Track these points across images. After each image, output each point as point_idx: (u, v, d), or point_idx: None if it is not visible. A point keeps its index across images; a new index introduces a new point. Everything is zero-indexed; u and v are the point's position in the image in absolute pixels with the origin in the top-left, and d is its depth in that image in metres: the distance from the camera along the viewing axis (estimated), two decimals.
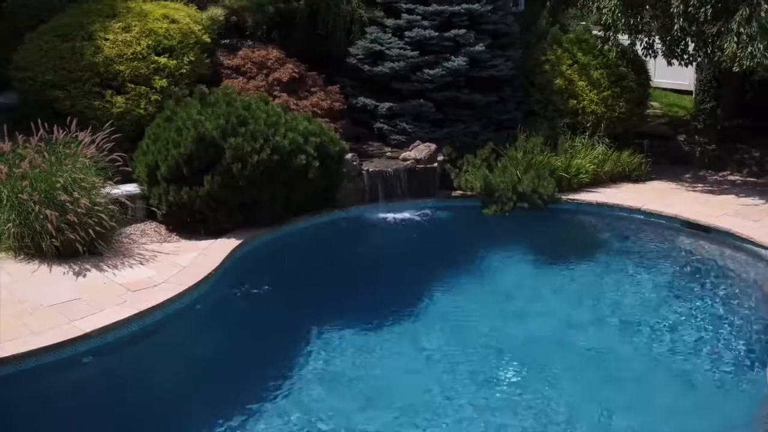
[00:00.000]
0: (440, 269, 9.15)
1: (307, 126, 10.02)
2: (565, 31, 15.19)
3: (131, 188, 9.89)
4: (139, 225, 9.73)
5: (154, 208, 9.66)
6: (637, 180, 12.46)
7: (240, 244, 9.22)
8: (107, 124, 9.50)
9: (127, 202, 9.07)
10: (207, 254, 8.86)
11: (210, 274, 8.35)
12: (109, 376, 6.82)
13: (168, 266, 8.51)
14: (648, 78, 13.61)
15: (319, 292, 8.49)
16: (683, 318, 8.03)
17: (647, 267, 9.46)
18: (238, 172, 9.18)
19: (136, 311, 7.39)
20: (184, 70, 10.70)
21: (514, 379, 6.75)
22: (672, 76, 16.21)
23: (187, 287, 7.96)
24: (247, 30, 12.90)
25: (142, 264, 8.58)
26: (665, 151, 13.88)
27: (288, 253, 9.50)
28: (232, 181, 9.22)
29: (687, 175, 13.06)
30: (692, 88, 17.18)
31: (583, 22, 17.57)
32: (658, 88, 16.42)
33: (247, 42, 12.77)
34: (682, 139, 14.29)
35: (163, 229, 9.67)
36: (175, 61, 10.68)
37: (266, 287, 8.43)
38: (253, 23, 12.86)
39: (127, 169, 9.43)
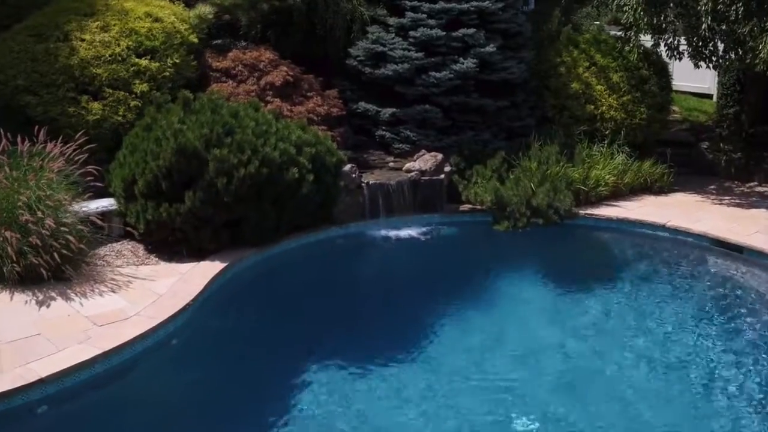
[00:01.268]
0: (447, 296, 8.23)
1: (300, 135, 9.11)
2: (578, 30, 14.30)
3: (107, 203, 9.02)
4: (114, 245, 8.83)
5: (130, 228, 8.75)
6: (660, 192, 11.55)
7: (224, 268, 8.31)
8: (82, 133, 8.65)
9: (98, 221, 8.13)
10: (187, 280, 7.96)
11: (188, 304, 7.44)
12: (65, 429, 5.91)
13: (142, 294, 7.61)
14: (670, 81, 12.65)
15: (310, 325, 7.58)
16: (733, 360, 7.05)
17: (680, 296, 8.50)
18: (223, 187, 8.28)
19: (100, 351, 6.49)
20: (168, 74, 9.80)
21: None
22: (691, 78, 15.18)
23: (160, 321, 7.06)
24: (240, 29, 12.03)
25: (113, 292, 7.68)
26: (687, 160, 12.95)
27: (278, 278, 8.59)
28: (216, 198, 8.31)
29: (712, 186, 12.13)
30: (713, 91, 16.28)
31: (597, 22, 16.68)
32: (677, 91, 15.38)
33: (241, 42, 11.91)
34: (705, 146, 13.35)
35: (141, 249, 8.77)
36: (157, 64, 9.78)
37: (251, 319, 7.53)
38: (246, 22, 11.98)
39: (98, 185, 8.52)
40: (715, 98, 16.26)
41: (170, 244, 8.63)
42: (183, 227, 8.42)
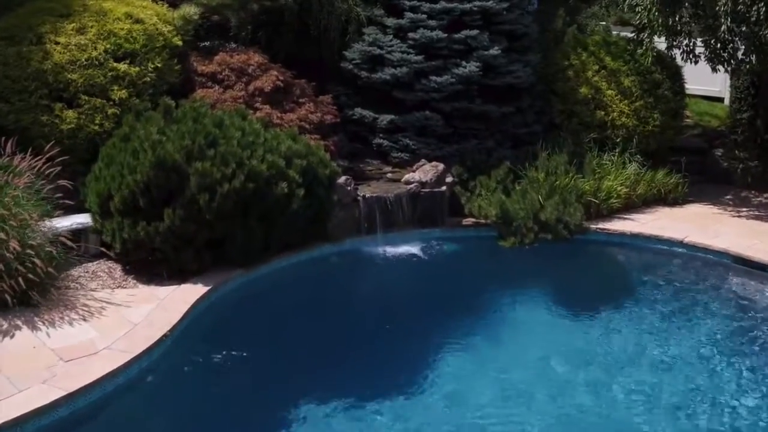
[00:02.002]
0: (450, 323, 7.54)
1: (291, 146, 8.43)
2: (583, 31, 13.66)
3: (83, 220, 8.34)
4: (90, 265, 8.15)
5: (107, 246, 8.07)
6: (674, 203, 10.88)
7: (207, 292, 7.63)
8: (53, 144, 8.03)
9: (67, 242, 7.43)
10: (165, 306, 7.27)
11: (166, 335, 6.76)
12: None
13: (116, 323, 6.93)
14: (684, 85, 11.97)
15: (300, 357, 6.89)
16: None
17: (706, 324, 7.77)
18: (205, 204, 7.60)
19: (64, 393, 5.81)
20: (149, 79, 9.12)
21: None
22: (702, 81, 14.46)
23: (134, 355, 6.38)
24: (230, 30, 11.37)
25: (84, 320, 7.00)
26: (701, 168, 12.27)
27: (266, 301, 7.90)
28: (198, 215, 7.63)
29: (728, 197, 11.47)
30: (724, 94, 15.64)
31: (603, 22, 16.05)
32: (687, 94, 14.75)
33: (231, 44, 11.25)
34: (719, 153, 12.67)
35: (118, 270, 8.08)
36: (137, 68, 9.09)
37: (237, 351, 6.82)
38: (236, 23, 11.32)
39: (68, 202, 7.85)
40: (726, 101, 15.64)
41: (149, 264, 7.96)
42: (162, 247, 7.74)
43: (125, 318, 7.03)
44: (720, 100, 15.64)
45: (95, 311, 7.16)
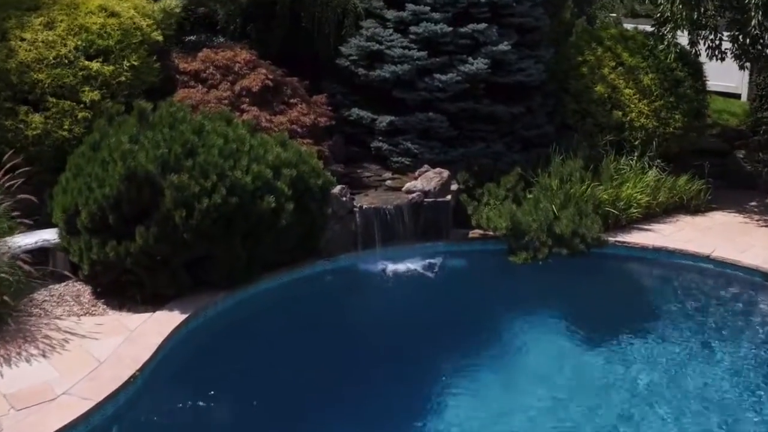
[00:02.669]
0: (455, 352, 6.74)
1: (279, 153, 7.59)
2: (592, 23, 12.81)
3: (50, 236, 7.53)
4: (57, 287, 7.35)
5: (75, 266, 7.27)
6: (696, 211, 10.05)
7: (185, 320, 6.82)
8: (12, 152, 7.26)
9: (24, 266, 6.61)
10: (136, 339, 6.46)
11: (135, 375, 5.95)
12: None
13: (79, 360, 6.13)
14: (705, 83, 11.10)
15: (290, 397, 6.08)
16: None
17: (738, 355, 6.94)
18: (182, 221, 6.76)
19: None
20: (124, 78, 8.27)
21: None
22: (717, 76, 13.51)
23: (96, 402, 5.57)
24: (218, 24, 10.54)
25: (44, 356, 6.20)
26: (722, 171, 11.40)
27: (251, 330, 7.09)
28: (174, 234, 6.80)
29: (753, 203, 10.63)
30: (741, 90, 14.83)
31: (614, 14, 15.21)
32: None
33: (219, 38, 10.43)
34: (741, 155, 11.83)
35: (87, 293, 7.28)
36: (111, 67, 8.25)
37: (217, 392, 6.00)
38: (224, 15, 10.49)
39: (26, 221, 7.04)
40: (744, 98, 14.83)
41: (122, 286, 7.14)
42: (134, 269, 6.92)
43: (90, 354, 6.22)
44: (737, 96, 14.82)
45: (57, 345, 6.36)
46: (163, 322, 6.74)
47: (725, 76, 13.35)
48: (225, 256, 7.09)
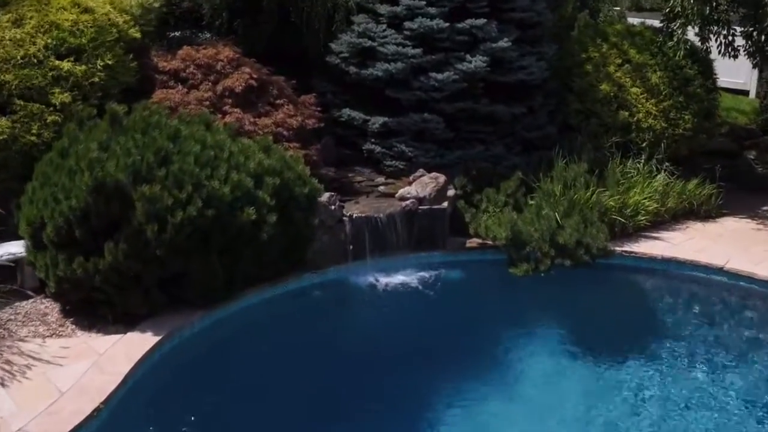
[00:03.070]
0: (451, 382, 6.22)
1: (262, 160, 7.06)
2: (595, 17, 12.26)
3: (16, 249, 7.05)
4: (24, 303, 6.86)
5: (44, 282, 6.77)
6: (707, 217, 9.51)
7: (158, 342, 6.31)
8: None
9: None
10: (103, 365, 5.94)
11: (99, 408, 5.44)
12: None
13: (40, 390, 5.63)
14: (716, 82, 10.55)
15: (270, 427, 5.56)
16: None
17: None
18: (154, 236, 6.25)
19: None
20: (97, 79, 7.73)
21: None
22: (724, 72, 13.01)
23: None
24: (204, 19, 10.02)
25: (2, 384, 5.71)
26: (732, 173, 10.84)
27: (230, 352, 6.57)
28: (145, 249, 6.29)
29: (765, 208, 10.09)
30: (749, 87, 14.33)
31: (617, 8, 14.66)
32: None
33: (204, 34, 9.92)
34: (751, 156, 11.31)
35: (55, 311, 6.77)
36: (84, 67, 7.70)
37: (193, 427, 5.48)
38: (209, 10, 9.96)
39: None
40: (752, 95, 14.33)
41: (92, 304, 6.63)
42: (104, 287, 6.40)
43: (52, 382, 5.71)
44: (745, 93, 14.31)
45: (18, 372, 5.86)
46: (135, 345, 6.22)
47: (733, 72, 12.82)
48: (201, 273, 6.57)
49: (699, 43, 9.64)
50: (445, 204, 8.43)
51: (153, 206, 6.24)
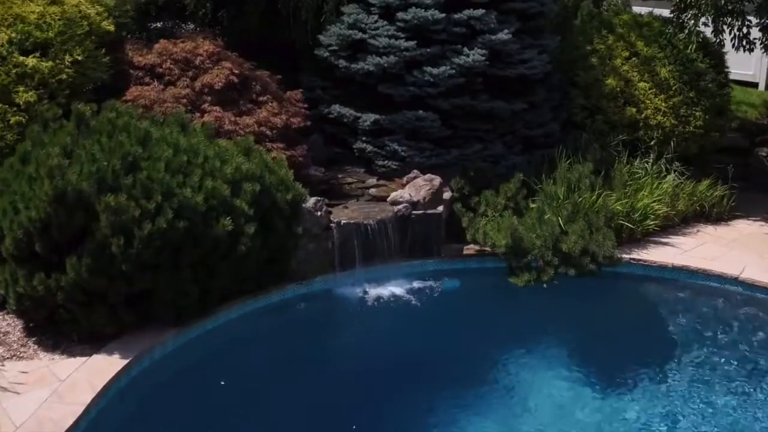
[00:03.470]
0: (444, 402, 5.72)
1: (240, 165, 6.52)
2: (598, 6, 11.69)
3: None
4: None
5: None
6: (718, 219, 8.98)
7: (126, 366, 5.80)
8: None
9: None
10: (64, 394, 5.43)
11: None
12: None
13: None
14: (728, 76, 9.98)
15: None
16: None
17: None
18: (120, 250, 5.72)
19: None
20: (65, 76, 7.18)
21: None
22: (732, 63, 12.42)
23: None
24: (187, 10, 9.47)
25: None
26: (743, 171, 10.27)
27: (205, 375, 6.04)
28: (111, 264, 5.76)
29: None
30: (758, 79, 13.73)
31: None
32: None
33: (188, 25, 9.41)
34: (763, 153, 10.74)
35: (18, 329, 6.27)
36: (51, 63, 7.16)
37: None
38: (192, 0, 9.41)
39: None
40: (762, 87, 13.75)
41: (57, 322, 6.11)
42: (67, 305, 5.87)
43: (7, 414, 5.20)
44: (754, 85, 13.70)
45: None
46: (99, 369, 5.71)
47: (741, 63, 12.17)
48: (171, 291, 6.03)
49: (711, 36, 9.04)
50: (441, 208, 7.89)
51: (118, 218, 5.71)
